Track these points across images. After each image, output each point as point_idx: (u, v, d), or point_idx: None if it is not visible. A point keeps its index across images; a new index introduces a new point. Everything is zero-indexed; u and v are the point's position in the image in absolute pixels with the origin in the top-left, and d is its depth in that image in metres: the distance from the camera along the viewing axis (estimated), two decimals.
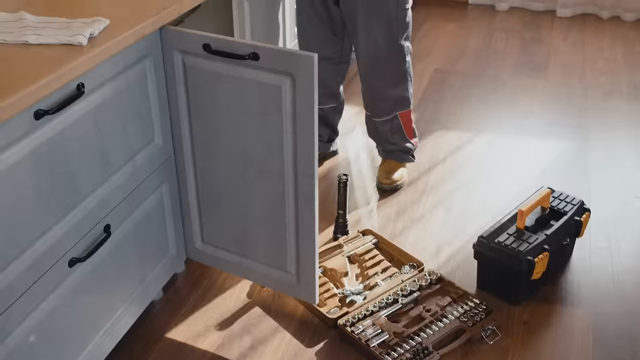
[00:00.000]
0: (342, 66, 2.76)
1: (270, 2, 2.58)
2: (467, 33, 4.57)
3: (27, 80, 1.42)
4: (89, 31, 1.63)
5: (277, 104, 1.78)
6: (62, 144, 1.56)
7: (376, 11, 2.47)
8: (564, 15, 4.90)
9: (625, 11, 4.85)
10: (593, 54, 4.27)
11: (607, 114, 3.52)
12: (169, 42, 1.87)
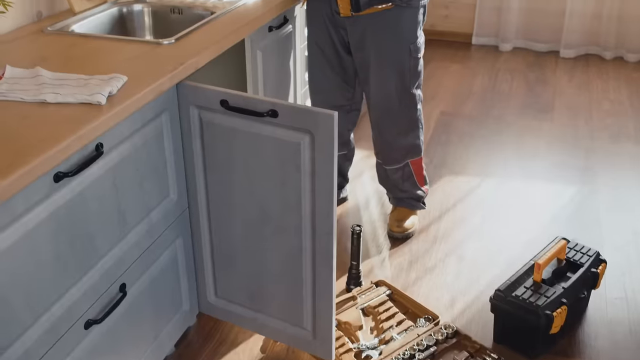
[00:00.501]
0: (353, 114, 2.75)
1: (282, 50, 2.58)
2: (472, 74, 4.58)
3: (47, 142, 1.40)
4: (107, 90, 1.62)
5: (296, 160, 1.76)
6: (80, 206, 1.54)
7: (389, 60, 2.47)
8: (567, 56, 4.93)
9: (628, 52, 4.88)
10: (598, 95, 4.28)
11: (614, 156, 3.51)
12: (186, 97, 1.85)
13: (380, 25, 2.42)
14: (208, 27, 2.16)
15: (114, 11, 2.41)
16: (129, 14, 2.45)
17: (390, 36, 2.44)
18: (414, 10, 2.44)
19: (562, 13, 4.89)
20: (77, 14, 2.29)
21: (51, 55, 1.93)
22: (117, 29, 2.41)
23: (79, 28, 2.23)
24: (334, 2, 2.44)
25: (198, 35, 2.09)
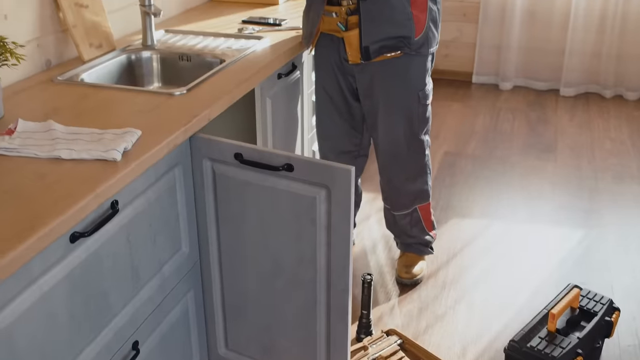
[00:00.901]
0: (360, 159, 2.74)
1: (290, 96, 2.57)
2: (473, 113, 4.59)
3: (65, 202, 1.38)
4: (122, 146, 1.60)
5: (312, 214, 1.74)
6: (95, 264, 1.51)
7: (398, 107, 2.47)
8: (567, 95, 4.95)
9: (627, 90, 4.91)
10: (600, 134, 4.29)
11: (619, 197, 3.51)
12: (199, 150, 1.84)
13: (389, 73, 2.42)
14: (219, 76, 2.15)
15: (123, 59, 2.40)
16: (138, 61, 2.44)
17: (399, 84, 2.44)
18: (423, 58, 2.44)
19: (561, 52, 4.93)
20: (86, 62, 2.28)
21: (63, 106, 1.91)
22: (126, 76, 2.41)
23: (89, 77, 2.22)
24: (342, 50, 2.44)
25: (209, 85, 2.08)
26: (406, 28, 2.34)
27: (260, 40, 2.52)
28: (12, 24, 2.07)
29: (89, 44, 2.32)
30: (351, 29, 2.37)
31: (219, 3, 3.20)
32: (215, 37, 2.59)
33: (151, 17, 2.45)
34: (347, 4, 2.37)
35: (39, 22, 2.19)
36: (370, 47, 2.35)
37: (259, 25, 2.75)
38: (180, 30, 2.68)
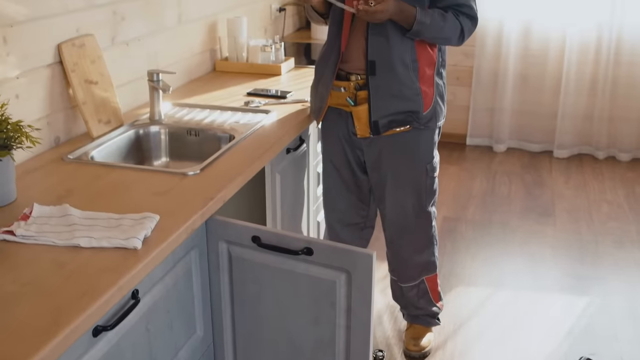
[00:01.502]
0: (366, 231, 2.73)
1: (297, 169, 2.57)
2: (470, 176, 4.61)
3: (88, 296, 1.36)
4: (143, 233, 1.58)
5: (331, 298, 1.72)
6: (116, 357, 1.48)
7: (406, 181, 2.47)
8: (561, 156, 5.00)
9: (620, 151, 4.96)
10: (596, 197, 4.32)
11: (621, 262, 3.51)
12: (215, 232, 1.82)
13: (397, 147, 2.43)
14: (231, 154, 2.15)
15: (131, 134, 2.40)
16: (146, 136, 2.44)
17: (407, 157, 2.45)
18: (431, 132, 2.45)
19: (554, 115, 4.99)
20: (95, 139, 2.28)
21: (76, 188, 1.90)
22: (134, 152, 2.40)
23: (98, 154, 2.21)
24: (351, 124, 2.45)
25: (222, 164, 2.07)
26: (415, 103, 2.36)
27: (267, 115, 2.53)
28: (24, 103, 2.07)
29: (98, 120, 2.32)
30: (360, 104, 2.39)
31: (221, 74, 3.23)
32: (222, 111, 2.60)
33: (159, 92, 2.46)
34: (356, 79, 2.39)
35: (49, 99, 2.19)
36: (380, 122, 2.37)
37: (265, 98, 2.76)
38: (186, 103, 2.69)
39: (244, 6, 3.55)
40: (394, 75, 2.33)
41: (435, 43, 2.38)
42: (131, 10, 2.57)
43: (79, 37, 2.29)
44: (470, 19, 2.35)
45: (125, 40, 2.56)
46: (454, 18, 2.31)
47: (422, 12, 2.25)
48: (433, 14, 2.27)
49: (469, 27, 2.36)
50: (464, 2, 2.33)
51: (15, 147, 1.77)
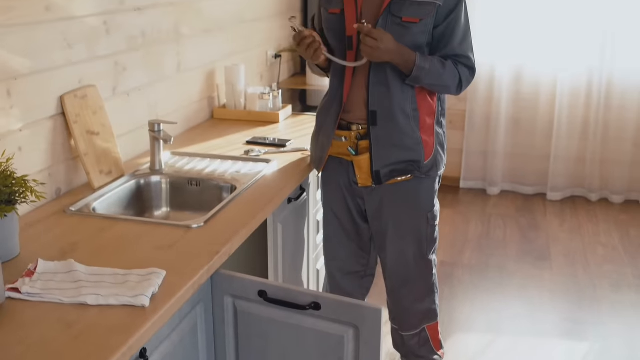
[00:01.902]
0: (367, 279, 2.72)
1: (298, 218, 2.58)
2: (465, 219, 4.62)
3: (97, 357, 1.34)
4: (150, 290, 1.57)
5: (339, 353, 1.71)
6: None
7: (407, 230, 2.47)
8: (554, 199, 5.02)
9: (612, 193, 5.00)
10: (591, 240, 4.33)
11: (619, 306, 3.51)
12: (220, 286, 1.81)
13: (398, 196, 2.44)
14: (234, 206, 2.15)
15: (132, 184, 2.40)
16: (147, 186, 2.44)
17: (408, 206, 2.45)
18: (432, 180, 2.46)
19: (546, 157, 5.03)
20: (96, 190, 2.27)
21: (79, 241, 1.88)
22: (135, 202, 2.39)
23: (100, 205, 2.20)
24: (352, 173, 2.46)
25: (225, 216, 2.07)
26: (416, 152, 2.38)
27: (268, 164, 2.54)
28: (27, 156, 2.07)
29: (100, 171, 2.32)
30: (362, 154, 2.40)
31: (219, 121, 3.24)
32: (222, 160, 2.60)
33: (160, 142, 2.46)
34: (357, 129, 2.40)
35: (52, 151, 2.19)
36: (381, 172, 2.37)
37: (265, 147, 2.77)
38: (186, 152, 2.69)
39: (241, 53, 3.58)
40: (395, 125, 2.35)
41: (435, 91, 2.40)
42: (132, 60, 2.59)
43: (81, 88, 2.30)
44: (468, 69, 2.38)
45: (126, 90, 2.57)
46: (452, 66, 2.34)
47: (421, 57, 2.28)
48: (432, 60, 2.30)
49: (467, 76, 2.38)
50: (462, 52, 2.36)
51: (20, 202, 1.76)
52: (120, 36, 2.50)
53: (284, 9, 4.22)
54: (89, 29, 2.32)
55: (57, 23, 2.16)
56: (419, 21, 2.29)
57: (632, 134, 4.89)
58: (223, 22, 3.36)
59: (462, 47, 2.36)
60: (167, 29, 2.83)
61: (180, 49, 2.95)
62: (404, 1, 2.28)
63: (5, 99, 1.98)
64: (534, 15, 4.79)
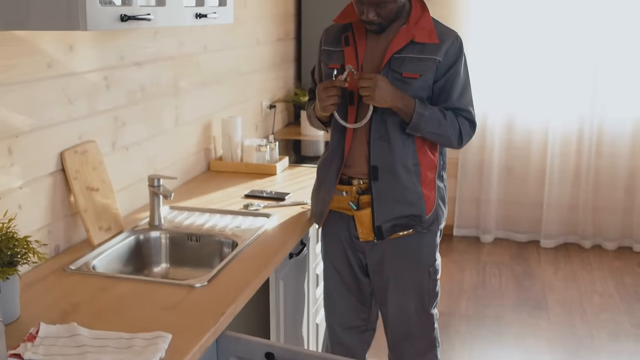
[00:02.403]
0: (367, 334, 2.68)
1: (299, 272, 2.56)
2: (459, 268, 4.60)
3: None
4: (157, 355, 1.54)
5: None
6: None
7: (409, 284, 2.45)
8: (547, 246, 5.03)
9: (605, 240, 5.01)
10: (587, 288, 4.32)
11: (617, 356, 3.50)
12: (226, 348, 1.78)
13: (400, 250, 2.42)
14: (236, 263, 2.13)
15: (132, 240, 2.37)
16: (146, 242, 2.41)
17: (410, 261, 2.44)
18: (433, 235, 2.46)
19: (539, 205, 5.05)
20: (95, 247, 2.24)
21: (81, 302, 1.85)
22: (134, 258, 2.37)
23: (100, 263, 2.17)
24: (353, 228, 2.45)
25: (228, 274, 2.04)
26: (417, 207, 2.37)
27: (269, 219, 2.52)
28: (26, 213, 2.04)
29: (99, 228, 2.29)
30: (363, 208, 2.39)
31: (216, 173, 3.23)
32: (222, 215, 2.58)
33: (159, 198, 2.45)
34: (358, 183, 2.40)
35: (51, 208, 2.16)
36: (383, 227, 2.36)
37: (264, 200, 2.76)
38: (185, 207, 2.67)
39: (237, 105, 3.59)
40: (396, 180, 2.35)
41: (435, 142, 2.39)
42: (131, 115, 2.58)
43: (81, 143, 2.28)
44: (469, 122, 2.39)
45: (125, 144, 2.56)
46: (453, 117, 2.34)
47: (421, 104, 2.28)
48: (433, 108, 2.30)
49: (467, 130, 2.39)
50: (462, 106, 2.37)
51: (21, 263, 1.73)
52: (120, 91, 2.49)
53: (278, 60, 4.25)
54: (90, 84, 2.32)
55: (58, 79, 2.16)
56: (419, 77, 2.30)
57: (623, 181, 4.92)
58: (220, 74, 3.37)
59: (462, 101, 2.37)
60: (166, 83, 2.84)
61: (178, 102, 2.95)
62: (404, 57, 2.30)
63: (6, 157, 1.96)
64: (525, 65, 4.86)
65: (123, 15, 1.82)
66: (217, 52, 3.32)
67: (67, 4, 1.67)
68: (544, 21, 4.78)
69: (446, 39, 2.33)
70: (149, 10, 1.96)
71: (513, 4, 4.79)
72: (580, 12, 4.73)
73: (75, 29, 1.69)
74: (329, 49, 2.44)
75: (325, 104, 2.31)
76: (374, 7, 2.22)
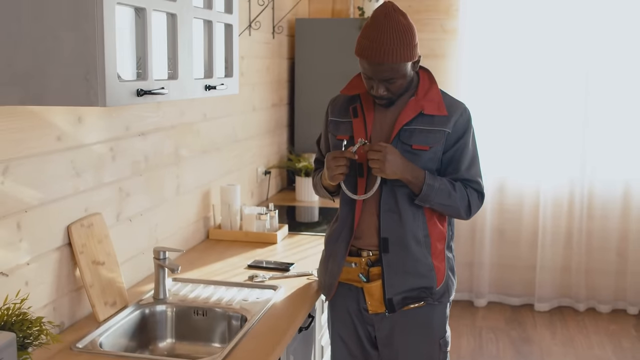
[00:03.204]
0: None
1: (306, 345, 2.50)
2: (455, 334, 4.55)
3: None
4: None
5: None
6: None
7: (419, 356, 2.41)
8: (542, 310, 5.00)
9: (599, 303, 5.00)
10: (585, 353, 4.29)
11: None
12: None
13: (411, 323, 2.38)
14: (248, 340, 2.07)
15: (137, 315, 2.31)
16: (152, 316, 2.35)
17: (421, 333, 2.40)
18: (443, 306, 2.42)
19: (532, 268, 5.04)
20: (101, 323, 2.18)
21: None
22: (140, 333, 2.30)
23: (107, 340, 2.11)
24: (362, 300, 2.41)
25: (241, 352, 1.99)
26: (428, 279, 2.34)
27: (276, 291, 2.48)
28: (32, 290, 1.99)
29: (104, 303, 2.23)
30: (373, 280, 2.36)
31: (215, 242, 3.18)
32: (227, 287, 2.53)
33: (165, 270, 2.40)
34: (368, 255, 2.37)
35: (56, 284, 2.11)
36: (394, 299, 2.33)
37: (268, 271, 2.72)
38: (188, 279, 2.62)
39: (234, 172, 3.58)
40: (407, 251, 2.32)
41: (444, 213, 2.37)
42: (136, 185, 2.55)
43: (87, 216, 2.24)
44: (477, 193, 2.39)
45: (129, 216, 2.52)
46: (462, 188, 2.33)
47: (430, 175, 2.27)
48: (442, 179, 2.30)
49: (476, 201, 2.38)
50: (471, 177, 2.37)
51: (33, 345, 1.67)
52: (125, 162, 2.47)
53: (272, 126, 4.26)
54: (97, 156, 2.29)
55: (67, 152, 2.13)
56: (429, 148, 2.30)
57: (615, 243, 4.94)
58: (219, 142, 3.36)
59: (471, 172, 2.37)
60: (168, 152, 2.82)
61: (179, 171, 2.93)
62: (413, 129, 2.31)
63: (15, 233, 1.92)
64: (515, 128, 4.92)
65: (139, 90, 1.81)
66: (216, 119, 3.32)
67: (85, 80, 1.66)
68: (533, 86, 4.85)
69: (454, 111, 2.34)
70: (163, 84, 1.95)
71: (502, 70, 4.87)
72: (568, 76, 4.82)
73: (93, 105, 1.67)
74: (337, 119, 2.44)
75: (333, 173, 2.29)
76: (383, 83, 2.23)
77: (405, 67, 2.20)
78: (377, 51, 2.15)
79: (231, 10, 2.49)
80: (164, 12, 1.97)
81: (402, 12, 2.20)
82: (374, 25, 2.18)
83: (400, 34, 2.16)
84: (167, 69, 2.06)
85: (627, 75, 4.76)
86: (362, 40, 2.19)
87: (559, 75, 4.82)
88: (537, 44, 4.79)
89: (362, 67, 2.24)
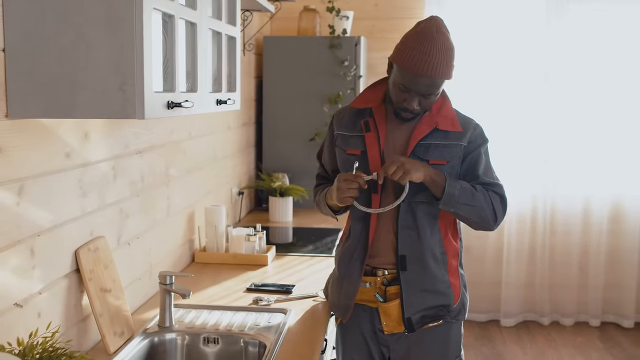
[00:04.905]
0: None
1: None
2: None
3: None
4: None
5: None
6: None
7: None
8: (507, 325, 5.04)
9: (562, 316, 5.08)
10: None
11: None
12: None
13: (428, 342, 2.32)
14: None
15: (146, 344, 2.17)
16: (161, 345, 2.21)
17: (437, 352, 2.35)
18: (459, 324, 2.38)
19: (498, 284, 5.07)
20: (111, 355, 2.03)
21: None
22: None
23: None
24: (377, 320, 2.33)
25: None
26: (446, 297, 2.30)
27: (286, 315, 2.37)
28: (44, 321, 1.83)
29: (114, 333, 2.08)
30: (390, 300, 2.29)
31: (202, 266, 3.05)
32: (234, 312, 2.41)
33: (171, 296, 2.26)
34: (383, 274, 2.30)
35: (65, 314, 1.96)
36: (413, 318, 2.27)
37: (271, 294, 2.61)
38: (191, 304, 2.48)
39: (213, 192, 3.45)
40: (425, 269, 2.27)
41: (469, 218, 2.25)
42: (133, 206, 2.42)
43: (92, 240, 2.10)
44: (499, 197, 2.27)
45: (127, 239, 2.38)
46: (483, 189, 2.25)
47: (451, 178, 2.20)
48: (463, 182, 2.22)
49: (499, 206, 2.26)
50: (492, 180, 2.29)
51: None
52: (124, 181, 2.33)
53: (243, 145, 4.15)
54: (101, 174, 2.15)
55: (75, 170, 1.99)
56: (446, 163, 2.26)
57: (576, 257, 5.03)
58: (202, 161, 3.24)
59: (488, 174, 2.30)
60: (160, 172, 2.68)
61: (169, 192, 2.79)
62: (429, 143, 2.26)
63: (28, 259, 1.76)
64: None
65: (170, 102, 1.71)
66: (200, 137, 3.20)
67: (121, 91, 1.55)
68: (494, 103, 4.91)
69: (468, 127, 2.30)
70: (185, 96, 1.85)
71: (463, 87, 4.89)
72: (529, 92, 4.90)
73: (130, 117, 1.56)
74: (345, 133, 2.37)
75: (344, 196, 2.21)
76: (419, 97, 2.17)
77: (443, 84, 2.16)
78: (429, 64, 2.09)
79: (234, 22, 2.40)
80: (187, 20, 1.87)
81: (448, 29, 2.16)
82: (426, 39, 2.11)
83: (450, 51, 2.12)
84: (185, 80, 1.95)
85: (587, 93, 4.87)
86: (410, 52, 2.11)
87: (519, 91, 4.89)
88: (496, 59, 4.86)
89: (401, 78, 2.15)
